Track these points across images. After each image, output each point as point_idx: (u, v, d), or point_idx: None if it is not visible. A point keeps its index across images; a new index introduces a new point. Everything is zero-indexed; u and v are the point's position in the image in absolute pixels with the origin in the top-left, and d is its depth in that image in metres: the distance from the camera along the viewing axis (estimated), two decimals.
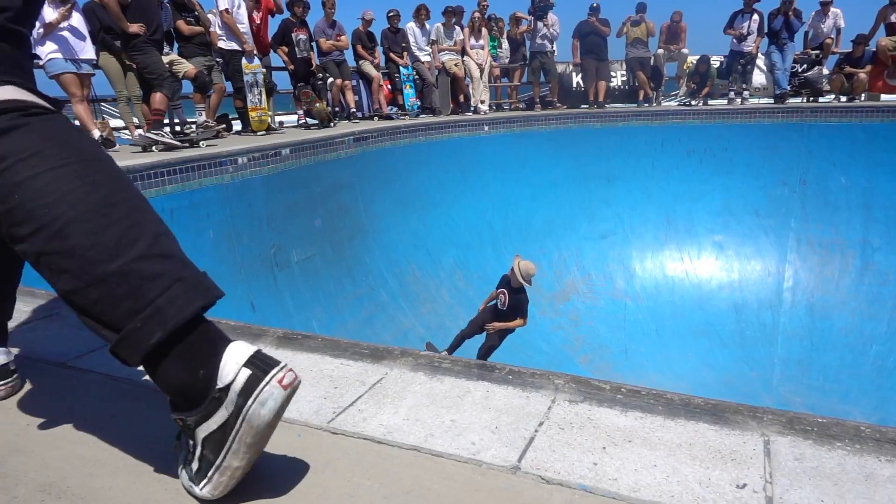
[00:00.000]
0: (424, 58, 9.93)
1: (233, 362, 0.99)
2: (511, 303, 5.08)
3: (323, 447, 1.18)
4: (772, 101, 10.42)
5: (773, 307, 9.05)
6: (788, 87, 10.30)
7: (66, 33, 5.84)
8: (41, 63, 5.91)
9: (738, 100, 10.49)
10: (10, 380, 1.42)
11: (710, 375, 8.12)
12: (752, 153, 9.65)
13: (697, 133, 9.87)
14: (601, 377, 1.50)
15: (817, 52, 10.48)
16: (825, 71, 10.53)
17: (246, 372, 0.97)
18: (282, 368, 0.99)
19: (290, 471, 1.09)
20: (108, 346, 0.99)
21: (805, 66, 10.58)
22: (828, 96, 10.35)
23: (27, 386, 1.46)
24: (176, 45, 7.08)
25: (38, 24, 5.74)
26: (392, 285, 7.61)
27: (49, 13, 5.77)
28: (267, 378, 0.97)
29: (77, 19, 5.99)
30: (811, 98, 10.41)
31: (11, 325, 1.74)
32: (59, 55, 5.81)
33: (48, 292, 2.09)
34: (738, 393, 7.78)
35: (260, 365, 0.98)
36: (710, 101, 10.76)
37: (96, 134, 5.95)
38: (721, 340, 8.69)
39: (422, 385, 1.44)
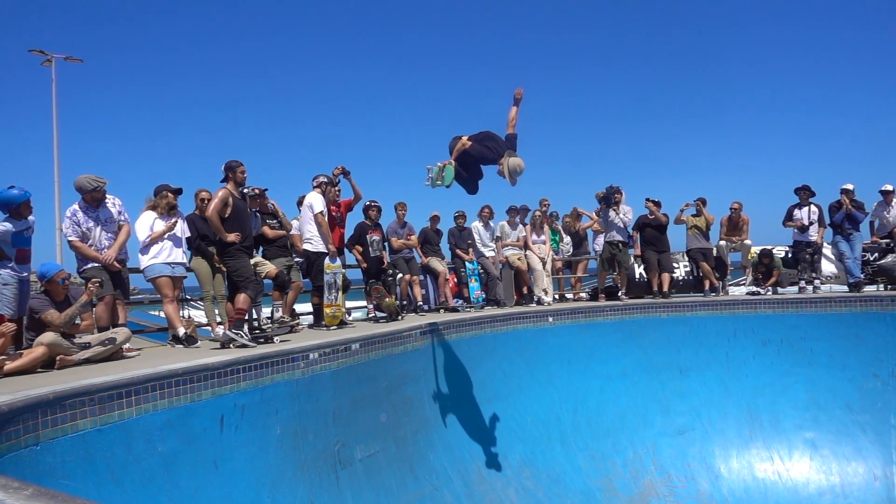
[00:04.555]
0: (489, 253, 10.42)
1: None
2: None
3: None
4: (846, 289, 10.15)
5: None
6: (862, 276, 10.06)
7: (167, 241, 6.53)
8: (142, 267, 6.54)
9: (810, 288, 10.27)
10: None
11: None
12: (833, 343, 9.19)
13: (771, 322, 9.57)
14: None
15: (887, 240, 10.36)
16: None
17: None
18: None
19: None
20: None
21: (876, 254, 10.41)
22: None
23: None
24: (261, 248, 7.76)
25: (147, 232, 6.47)
26: (456, 484, 7.22)
27: (158, 224, 6.52)
28: None
29: (179, 228, 6.72)
30: (889, 286, 10.08)
31: None
32: (158, 261, 6.44)
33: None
34: None
35: None
36: (779, 290, 10.57)
37: (181, 331, 6.35)
38: None
39: None
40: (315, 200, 7.83)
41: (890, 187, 10.40)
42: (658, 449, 8.95)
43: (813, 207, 10.40)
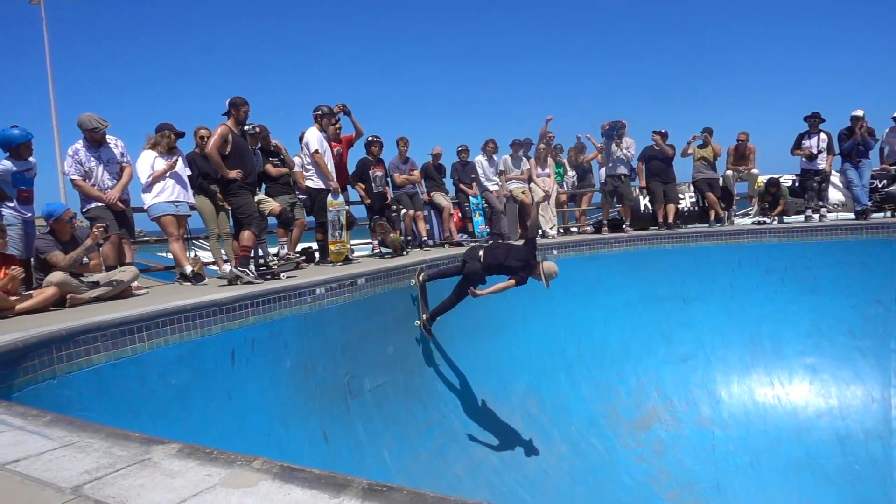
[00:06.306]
0: (493, 187, 10.33)
1: None
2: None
3: None
4: (852, 217, 10.09)
5: (883, 438, 8.20)
6: (870, 203, 9.98)
7: (169, 180, 6.48)
8: (146, 207, 6.52)
9: (816, 217, 10.21)
10: None
11: None
12: (837, 271, 9.22)
13: (776, 252, 9.58)
14: None
15: None
16: None
17: None
18: None
19: None
20: None
21: (885, 181, 10.29)
22: None
23: None
24: (263, 186, 7.70)
25: (148, 171, 6.41)
26: (463, 412, 7.43)
27: (158, 163, 6.45)
28: None
29: (180, 167, 6.66)
30: None
31: (101, 471, 1.79)
32: (161, 199, 6.41)
33: (142, 435, 2.16)
34: None
35: None
36: (785, 219, 10.52)
37: (188, 269, 6.39)
38: (826, 476, 7.86)
39: None
40: (312, 138, 7.70)
41: None
42: (661, 376, 9.14)
43: (822, 135, 10.20)
